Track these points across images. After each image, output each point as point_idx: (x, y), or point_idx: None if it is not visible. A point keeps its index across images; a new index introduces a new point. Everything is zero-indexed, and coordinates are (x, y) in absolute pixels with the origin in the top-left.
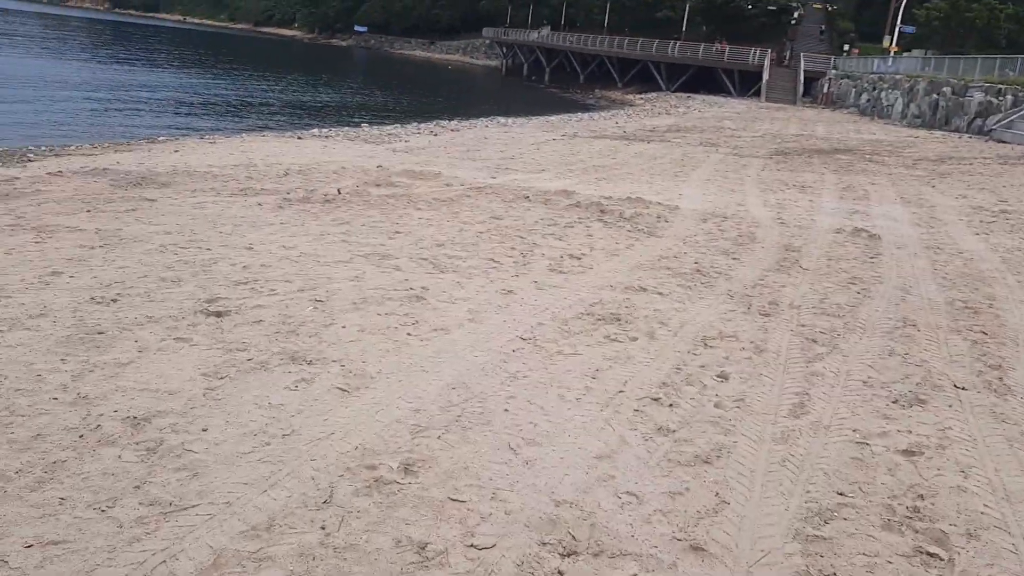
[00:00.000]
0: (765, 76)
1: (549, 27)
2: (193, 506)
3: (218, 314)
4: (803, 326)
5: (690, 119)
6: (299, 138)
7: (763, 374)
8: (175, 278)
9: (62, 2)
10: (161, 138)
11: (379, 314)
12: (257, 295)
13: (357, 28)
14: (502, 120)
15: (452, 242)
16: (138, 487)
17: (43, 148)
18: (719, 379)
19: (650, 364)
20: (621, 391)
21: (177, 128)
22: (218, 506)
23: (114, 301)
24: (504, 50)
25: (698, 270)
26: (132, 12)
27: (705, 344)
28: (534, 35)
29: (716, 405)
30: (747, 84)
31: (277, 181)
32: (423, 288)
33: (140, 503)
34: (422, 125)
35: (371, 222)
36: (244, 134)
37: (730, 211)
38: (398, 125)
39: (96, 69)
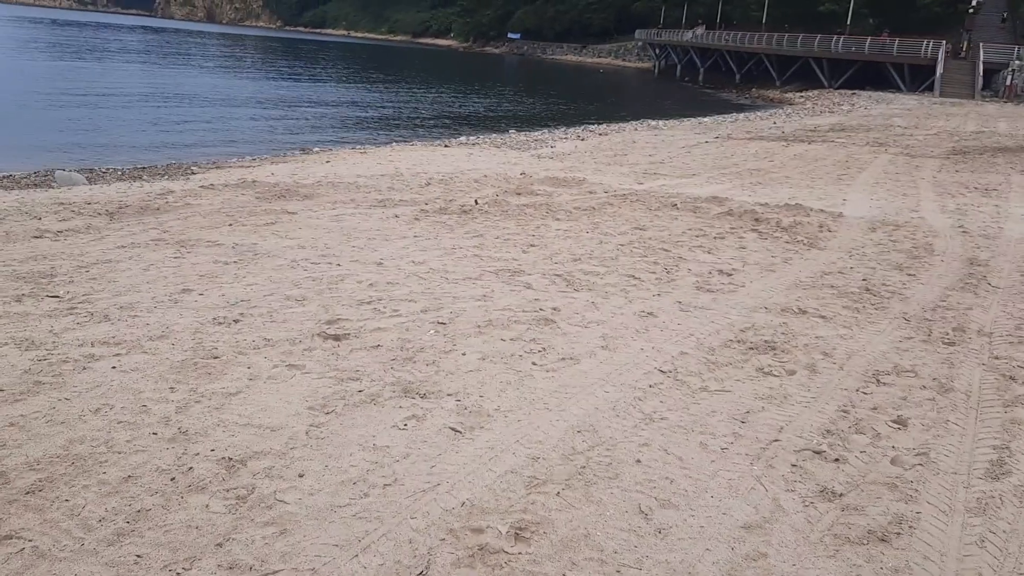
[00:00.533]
0: (939, 69)
1: (704, 26)
2: (275, 572)
3: (336, 337)
4: (997, 359)
5: (855, 117)
6: (446, 146)
7: (950, 420)
8: (300, 296)
9: (240, 22)
10: (316, 149)
11: (503, 339)
12: (379, 316)
13: (510, 35)
14: (652, 123)
15: (590, 256)
16: (220, 545)
17: (208, 162)
18: (896, 426)
19: (811, 405)
20: (776, 440)
21: (334, 139)
22: (302, 573)
23: (236, 322)
24: (657, 51)
25: (867, 288)
26: (301, 28)
27: (877, 380)
28: (688, 35)
29: (893, 461)
30: (918, 79)
31: (417, 191)
32: (554, 309)
33: (219, 565)
34: (569, 130)
35: (506, 234)
36: (394, 143)
37: (902, 218)
38: (545, 130)
39: (266, 84)
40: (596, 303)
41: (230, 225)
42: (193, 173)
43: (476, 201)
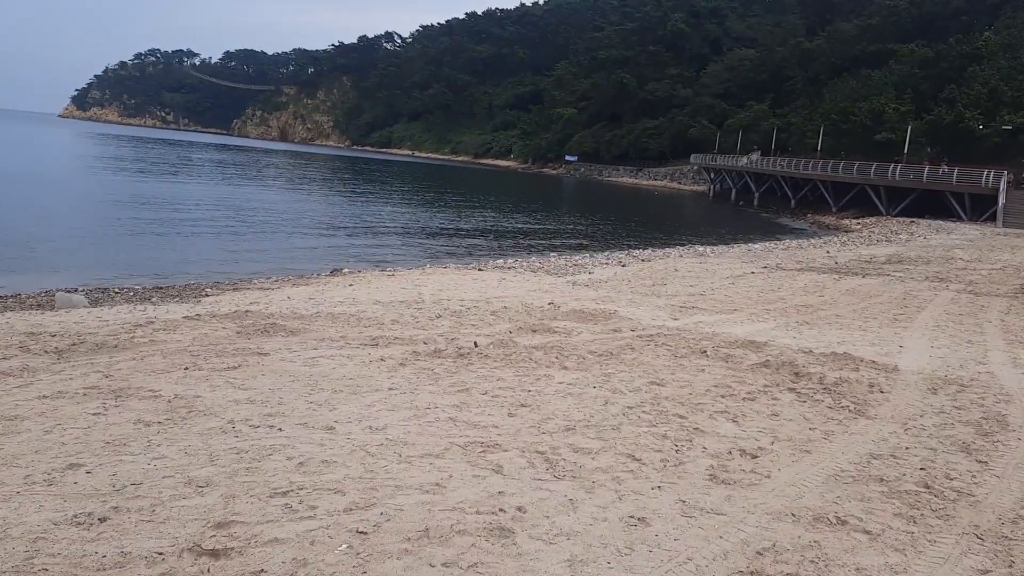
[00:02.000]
0: (1001, 199)
1: (759, 152)
2: None
3: (213, 554)
4: None
5: (913, 248)
6: (479, 270)
7: None
8: (206, 480)
9: (310, 141)
10: (346, 270)
11: (433, 564)
12: (286, 518)
13: (568, 158)
14: (699, 248)
15: (587, 423)
16: None
17: (231, 282)
18: None
19: None
20: None
21: (374, 257)
22: None
23: (102, 521)
24: (712, 175)
25: (926, 484)
26: (368, 148)
27: None
28: (743, 160)
29: None
30: (979, 208)
31: (423, 325)
32: (518, 509)
33: None
34: (612, 254)
35: (497, 388)
36: (429, 264)
37: (968, 373)
38: (587, 254)
39: (326, 201)
40: (576, 500)
41: (186, 369)
42: (205, 295)
43: (476, 343)
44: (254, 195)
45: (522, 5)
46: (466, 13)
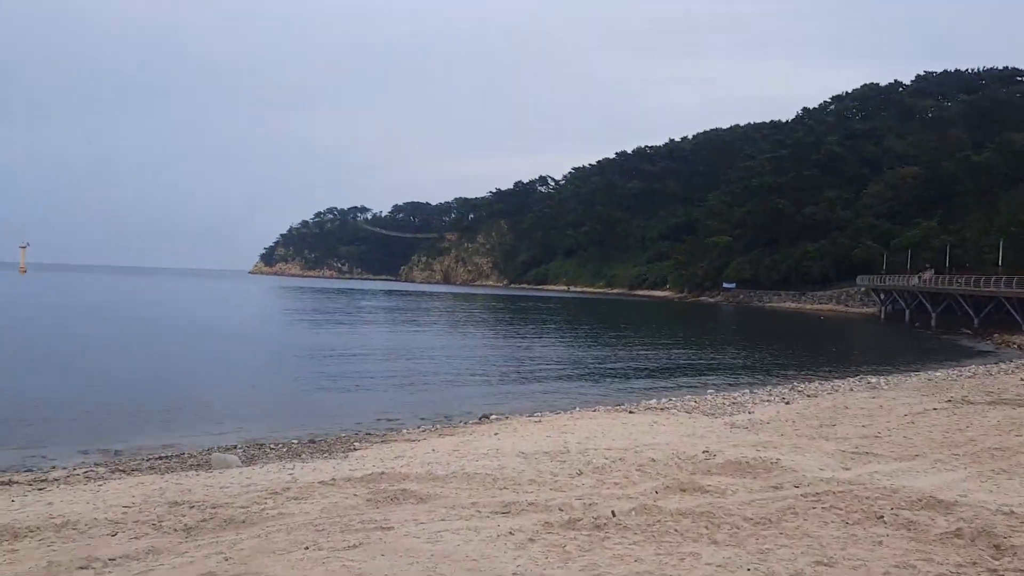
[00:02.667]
0: None
1: (932, 270)
2: None
3: None
4: None
5: None
6: (630, 412)
7: None
8: None
9: (471, 282)
10: (494, 416)
11: None
12: None
13: (725, 285)
14: (871, 380)
15: None
16: None
17: (381, 433)
18: None
19: None
20: None
21: (524, 401)
22: None
23: None
24: (881, 296)
25: None
26: (525, 285)
27: None
28: (914, 280)
29: None
30: None
31: (561, 486)
32: None
33: None
34: (775, 389)
35: (633, 574)
36: (579, 407)
37: None
38: (747, 390)
39: (481, 340)
40: None
41: (306, 549)
42: (354, 449)
43: (613, 512)
44: (415, 339)
45: (671, 141)
46: (616, 153)
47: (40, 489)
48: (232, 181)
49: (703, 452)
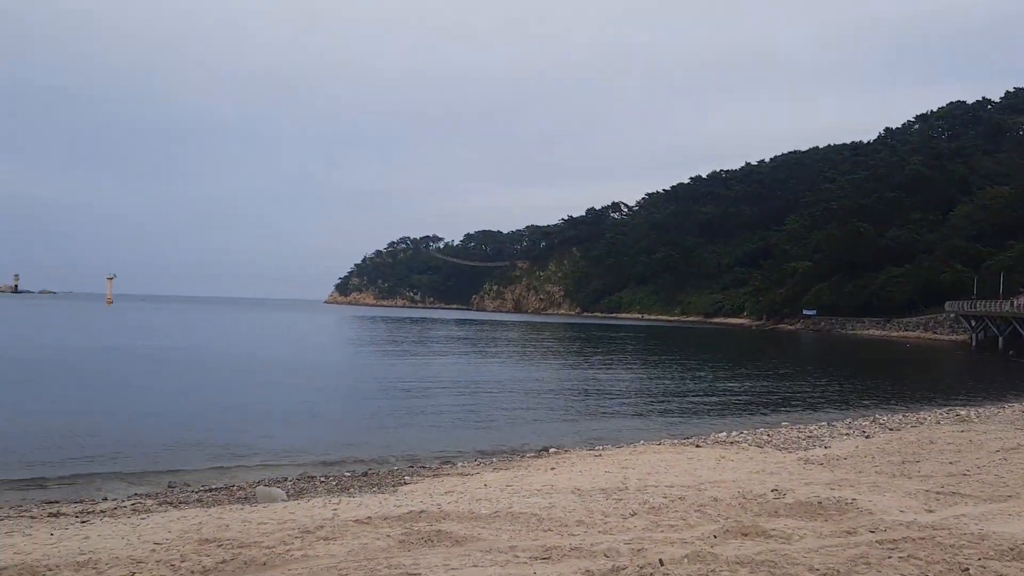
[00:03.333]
0: None
1: None
2: None
3: None
4: None
5: None
6: (697, 446)
7: None
8: None
9: (543, 311)
10: (553, 450)
11: None
12: None
13: (805, 312)
14: (961, 412)
15: None
16: None
17: (431, 467)
18: None
19: None
20: None
21: (588, 429)
22: None
23: None
24: (972, 323)
25: None
26: (598, 313)
27: None
28: (1007, 305)
29: None
30: None
31: (610, 528)
32: None
33: None
34: (855, 423)
35: None
36: (643, 441)
37: None
38: (825, 423)
39: (551, 369)
40: None
41: None
42: (404, 483)
43: (662, 561)
44: (482, 369)
45: (747, 164)
46: (690, 177)
47: (83, 522)
48: (308, 213)
49: (772, 491)
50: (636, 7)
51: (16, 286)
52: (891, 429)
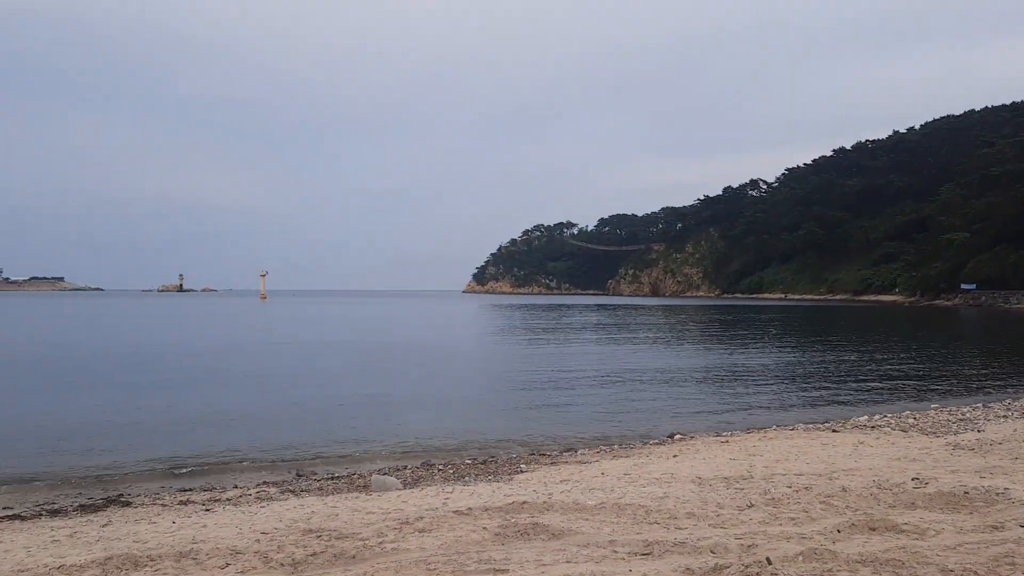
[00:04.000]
0: None
1: None
2: None
3: None
4: None
5: None
6: (834, 431)
7: None
8: None
9: (681, 294)
10: (679, 436)
11: None
12: None
13: (964, 286)
14: None
15: None
16: None
17: (550, 453)
18: None
19: None
20: None
21: (719, 414)
22: None
23: None
24: None
25: None
26: (738, 295)
27: None
28: None
29: None
30: None
31: (723, 521)
32: None
33: None
34: (1015, 403)
35: None
36: (776, 425)
37: None
38: (980, 404)
39: (690, 352)
40: None
41: None
42: (520, 472)
43: (769, 559)
44: (615, 353)
45: (895, 133)
46: (833, 150)
47: (207, 510)
48: (449, 206)
49: (912, 479)
50: None
51: (181, 285)
52: None
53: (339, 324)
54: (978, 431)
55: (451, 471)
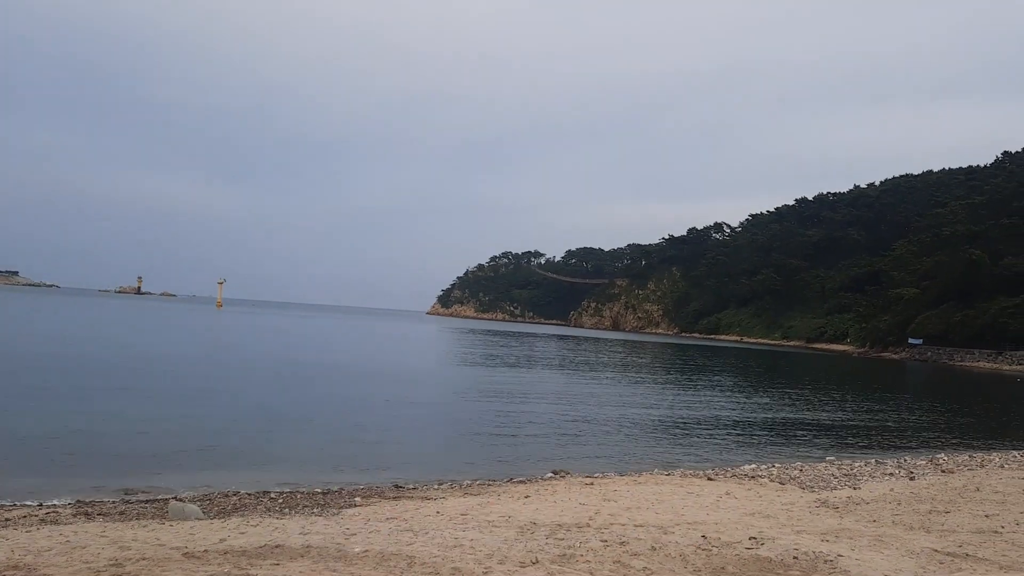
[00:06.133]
0: None
1: None
2: None
3: None
4: None
5: None
6: (709, 479)
7: None
8: None
9: (640, 330)
10: (549, 475)
11: None
12: None
13: (911, 341)
14: None
15: None
16: None
17: (393, 488)
18: None
19: None
20: None
21: (617, 452)
22: None
23: None
24: None
25: None
26: (696, 335)
27: None
28: None
29: None
30: None
31: None
32: None
33: None
34: (908, 462)
35: None
36: (658, 471)
37: None
38: (874, 460)
39: (609, 388)
40: None
41: None
42: (354, 505)
43: None
44: (535, 382)
45: (856, 187)
46: (796, 199)
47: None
48: (421, 230)
49: (749, 539)
50: (751, 21)
51: (139, 287)
52: (945, 471)
53: (273, 338)
54: (854, 488)
55: (282, 501)
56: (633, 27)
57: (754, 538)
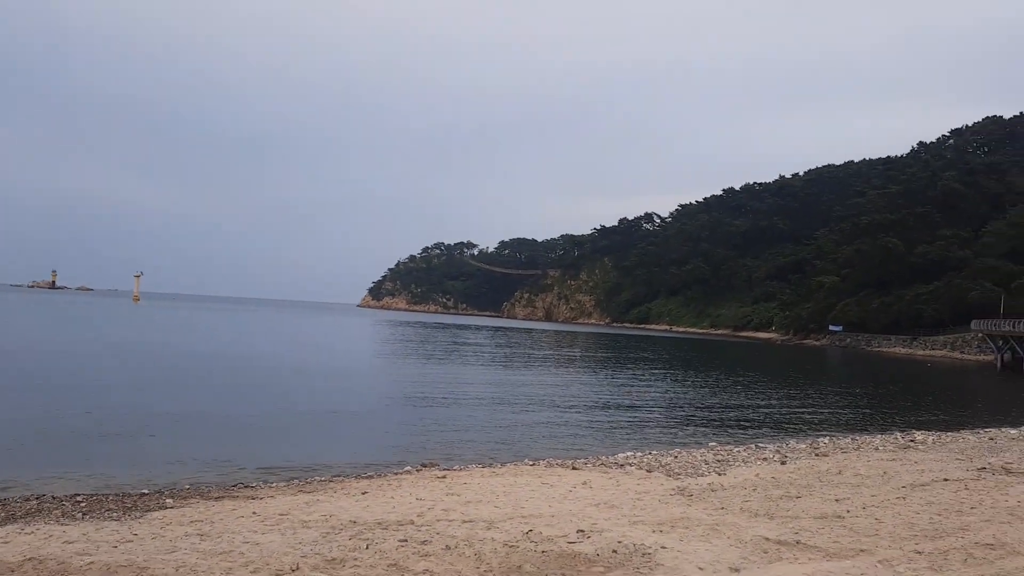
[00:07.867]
0: None
1: None
2: None
3: None
4: None
5: None
6: (574, 468)
7: None
8: None
9: (573, 320)
10: (420, 465)
11: None
12: None
13: (832, 328)
14: (918, 436)
15: None
16: None
17: (249, 485)
18: None
19: None
20: None
21: (489, 444)
22: None
23: None
24: (999, 343)
25: None
26: (627, 324)
27: None
28: None
29: None
30: None
31: None
32: None
33: None
34: (787, 445)
35: None
36: (528, 461)
37: None
38: (754, 445)
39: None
40: None
41: None
42: (165, 507)
43: None
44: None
45: (781, 177)
46: (723, 189)
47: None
48: (342, 219)
49: (578, 531)
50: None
51: (54, 282)
52: (819, 455)
53: (182, 332)
54: (719, 474)
55: (86, 505)
56: (569, 25)
57: (582, 531)
